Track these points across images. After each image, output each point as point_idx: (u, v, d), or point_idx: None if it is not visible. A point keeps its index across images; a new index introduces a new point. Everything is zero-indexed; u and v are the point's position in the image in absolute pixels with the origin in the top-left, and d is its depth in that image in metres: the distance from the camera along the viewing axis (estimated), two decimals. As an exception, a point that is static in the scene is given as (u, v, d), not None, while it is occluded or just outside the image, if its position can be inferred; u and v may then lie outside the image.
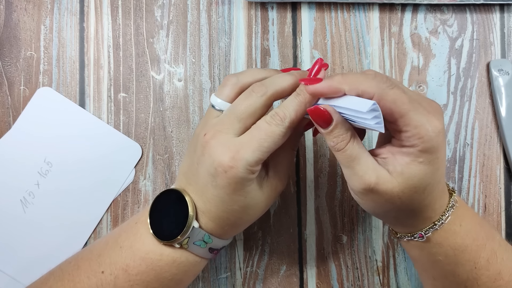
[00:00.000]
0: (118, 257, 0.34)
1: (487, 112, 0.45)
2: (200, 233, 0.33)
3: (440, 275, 0.34)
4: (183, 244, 0.33)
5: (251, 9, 0.45)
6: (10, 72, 0.44)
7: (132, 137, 0.44)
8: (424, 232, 0.33)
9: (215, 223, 0.34)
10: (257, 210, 0.34)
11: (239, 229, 0.36)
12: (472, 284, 0.33)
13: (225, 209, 0.33)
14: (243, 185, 0.32)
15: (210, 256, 0.35)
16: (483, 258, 0.33)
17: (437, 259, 0.33)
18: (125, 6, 0.45)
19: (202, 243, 0.34)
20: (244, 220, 0.35)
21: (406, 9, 0.45)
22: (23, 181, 0.43)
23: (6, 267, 0.42)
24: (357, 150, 0.31)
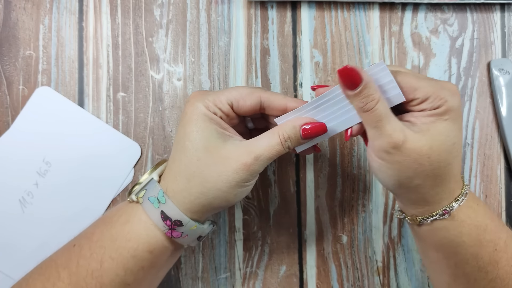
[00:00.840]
0: (90, 228, 0.34)
1: (487, 112, 0.45)
2: (156, 187, 0.33)
3: (462, 261, 0.33)
4: (139, 197, 0.33)
5: (250, 8, 0.45)
6: (9, 71, 0.44)
7: (131, 137, 0.44)
8: (449, 208, 0.32)
9: (171, 172, 0.33)
10: (208, 159, 0.32)
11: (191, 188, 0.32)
12: (493, 268, 0.33)
13: (179, 147, 0.33)
14: (197, 116, 0.32)
15: (162, 224, 0.32)
16: (501, 240, 0.33)
17: (461, 240, 0.33)
18: (124, 5, 0.44)
19: (155, 200, 0.32)
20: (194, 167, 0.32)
21: (406, 8, 0.45)
22: (22, 181, 0.43)
23: (5, 267, 0.42)
24: (385, 109, 0.31)
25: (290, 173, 0.44)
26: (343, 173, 0.44)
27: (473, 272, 0.33)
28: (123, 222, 0.33)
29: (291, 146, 0.33)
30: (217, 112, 0.33)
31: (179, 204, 0.33)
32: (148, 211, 0.33)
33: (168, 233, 0.33)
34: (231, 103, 0.33)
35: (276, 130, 0.33)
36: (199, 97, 0.33)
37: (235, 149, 0.32)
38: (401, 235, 0.44)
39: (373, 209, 0.44)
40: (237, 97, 0.33)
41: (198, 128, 0.32)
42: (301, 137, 0.33)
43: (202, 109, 0.32)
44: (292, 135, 0.33)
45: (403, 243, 0.44)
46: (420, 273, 0.44)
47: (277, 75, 0.44)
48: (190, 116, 0.33)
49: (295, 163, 0.44)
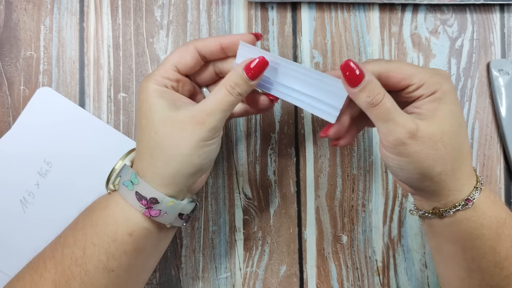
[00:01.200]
0: (75, 219, 0.35)
1: (487, 112, 0.45)
2: (129, 171, 0.33)
3: (479, 255, 0.33)
4: (115, 185, 0.34)
5: (251, 9, 0.45)
6: (10, 72, 0.44)
7: (132, 137, 0.44)
8: (471, 196, 0.32)
9: (138, 154, 0.34)
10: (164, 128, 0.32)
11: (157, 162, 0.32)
12: (509, 264, 0.33)
13: (139, 127, 0.33)
14: (148, 95, 0.33)
15: (138, 205, 0.32)
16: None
17: (481, 233, 0.33)
18: (125, 6, 0.45)
19: (129, 183, 0.33)
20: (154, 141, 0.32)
21: (406, 9, 0.45)
22: (23, 181, 0.43)
23: (6, 267, 0.42)
24: (392, 102, 0.31)
25: (290, 173, 0.44)
26: (343, 173, 0.44)
27: (489, 267, 0.33)
28: (102, 208, 0.34)
29: (242, 92, 0.33)
30: (166, 84, 0.33)
31: (151, 181, 0.33)
32: (124, 194, 0.33)
33: (146, 213, 0.33)
34: (176, 68, 0.34)
35: (222, 82, 0.33)
36: (147, 77, 0.34)
37: (188, 113, 0.32)
38: (401, 235, 0.44)
39: (373, 209, 0.44)
40: (177, 58, 0.34)
41: (150, 105, 0.33)
42: (248, 79, 0.33)
43: (152, 86, 0.33)
44: (239, 80, 0.33)
45: (403, 243, 0.44)
46: (420, 273, 0.44)
47: (277, 75, 0.45)
48: (141, 96, 0.33)
49: (295, 163, 0.44)
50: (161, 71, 0.34)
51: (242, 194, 0.44)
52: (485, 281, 0.34)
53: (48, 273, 0.33)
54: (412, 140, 0.31)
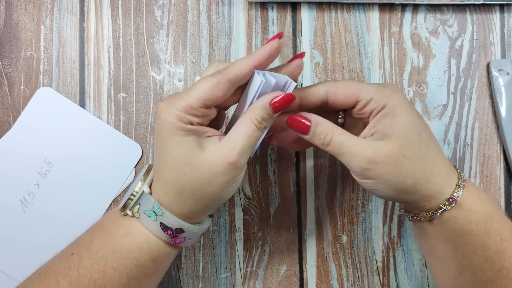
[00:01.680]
0: (85, 237, 0.34)
1: (487, 112, 0.45)
2: (150, 200, 0.32)
3: (469, 251, 0.33)
4: (134, 212, 0.33)
5: (251, 9, 0.45)
6: (10, 72, 0.44)
7: (132, 137, 0.44)
8: (454, 195, 0.33)
9: (160, 186, 0.33)
10: (194, 172, 0.31)
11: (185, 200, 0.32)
12: (499, 258, 0.33)
13: (162, 163, 0.32)
14: (172, 133, 0.31)
15: (163, 235, 0.33)
16: (506, 230, 0.33)
17: (469, 229, 0.33)
18: (125, 6, 0.45)
19: (152, 214, 0.32)
20: (182, 181, 0.31)
21: (406, 9, 0.45)
22: (23, 181, 0.43)
23: (6, 267, 0.42)
24: (343, 136, 0.33)
25: (290, 173, 0.44)
26: (343, 173, 0.44)
27: (480, 262, 0.33)
28: (122, 234, 0.33)
29: (267, 125, 0.33)
30: (192, 121, 0.31)
31: (176, 214, 0.33)
32: (146, 224, 0.33)
33: (171, 241, 0.33)
34: (203, 104, 0.31)
35: (248, 116, 0.32)
36: (168, 109, 0.31)
37: (217, 153, 0.31)
38: (401, 235, 0.44)
39: (373, 209, 0.44)
40: (207, 95, 0.31)
41: (177, 144, 0.31)
42: (273, 112, 0.32)
43: (175, 124, 0.31)
44: (265, 115, 0.32)
45: (402, 243, 0.44)
46: (420, 273, 0.44)
47: (277, 75, 0.45)
48: (165, 133, 0.31)
49: (295, 163, 0.44)
50: (186, 107, 0.31)
51: (242, 194, 0.44)
52: (477, 277, 0.34)
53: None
54: (373, 165, 0.32)
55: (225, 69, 0.32)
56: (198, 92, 0.31)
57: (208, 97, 0.31)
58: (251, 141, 0.32)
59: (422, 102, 0.45)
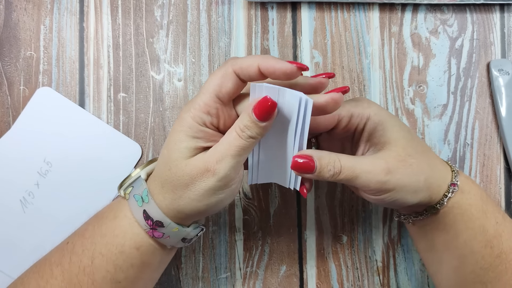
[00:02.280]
0: (83, 225, 0.35)
1: (487, 112, 0.45)
2: (142, 186, 0.33)
3: (471, 236, 0.34)
4: (126, 193, 0.34)
5: (251, 9, 0.45)
6: (10, 72, 0.44)
7: (132, 137, 0.44)
8: (454, 180, 0.34)
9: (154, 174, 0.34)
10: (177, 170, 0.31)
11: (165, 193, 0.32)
12: (498, 242, 0.34)
13: (162, 152, 0.33)
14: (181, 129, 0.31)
15: (144, 223, 0.32)
16: (499, 213, 0.35)
17: (470, 213, 0.34)
18: (125, 6, 0.45)
19: (139, 199, 0.33)
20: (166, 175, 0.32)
21: (406, 9, 0.45)
22: (23, 181, 0.43)
23: (6, 267, 0.42)
24: (351, 163, 0.32)
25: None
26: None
27: (481, 248, 0.34)
28: (111, 218, 0.34)
29: (253, 135, 0.31)
30: (205, 121, 0.31)
31: (159, 206, 0.33)
32: (132, 208, 0.33)
33: (150, 233, 0.33)
34: (217, 98, 0.31)
35: (233, 126, 0.31)
36: (187, 107, 0.32)
37: (200, 157, 0.31)
38: (401, 235, 0.44)
39: (373, 209, 0.44)
40: (218, 87, 0.31)
41: (177, 140, 0.31)
42: (257, 120, 0.30)
43: (188, 121, 0.31)
44: (248, 122, 0.30)
45: (403, 243, 0.44)
46: (420, 273, 0.44)
47: (277, 75, 0.45)
48: (175, 127, 0.32)
49: (295, 163, 0.44)
50: (200, 104, 0.31)
51: (242, 194, 0.44)
52: (478, 264, 0.34)
53: (54, 280, 0.32)
54: (390, 175, 0.32)
55: (233, 59, 0.31)
56: (209, 87, 0.31)
57: (218, 89, 0.31)
58: (233, 150, 0.30)
59: (422, 102, 0.45)
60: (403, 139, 0.33)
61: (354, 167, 0.32)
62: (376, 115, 0.33)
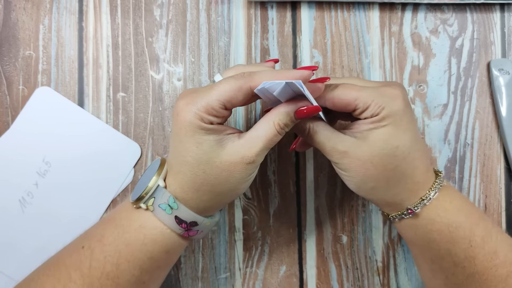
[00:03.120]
0: (96, 230, 0.34)
1: (487, 112, 0.45)
2: (165, 194, 0.33)
3: (437, 256, 0.34)
4: (149, 206, 0.33)
5: (250, 8, 0.45)
6: (9, 71, 0.44)
7: (131, 137, 0.44)
8: (413, 208, 0.33)
9: (177, 182, 0.33)
10: (214, 170, 0.32)
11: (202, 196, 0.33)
12: (469, 264, 0.33)
13: (180, 160, 0.32)
14: (193, 132, 0.31)
15: (178, 229, 0.33)
16: (478, 236, 0.33)
17: (432, 237, 0.34)
18: (124, 5, 0.44)
19: (167, 207, 0.33)
20: (201, 179, 0.32)
21: (406, 9, 0.45)
22: (22, 181, 0.43)
23: (5, 267, 0.42)
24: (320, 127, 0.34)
25: (290, 173, 0.44)
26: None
27: (450, 267, 0.34)
28: (136, 227, 0.33)
29: (287, 130, 0.33)
30: (212, 121, 0.31)
31: (191, 208, 0.33)
32: (161, 217, 0.33)
33: (185, 234, 0.34)
34: (223, 105, 0.31)
35: (271, 120, 0.32)
36: (188, 108, 0.31)
37: (236, 152, 0.32)
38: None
39: (373, 209, 0.44)
40: (228, 98, 0.31)
41: (197, 143, 0.31)
42: (296, 119, 0.33)
43: (196, 123, 0.31)
44: (288, 121, 0.33)
45: (403, 243, 0.44)
46: (420, 273, 0.44)
47: (277, 75, 0.44)
48: (185, 132, 0.31)
49: (295, 163, 0.44)
50: (207, 107, 0.31)
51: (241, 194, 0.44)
52: (449, 280, 0.34)
53: (73, 284, 0.32)
54: (342, 159, 0.33)
55: (250, 75, 0.31)
56: (219, 94, 0.31)
57: (229, 99, 0.31)
58: (270, 144, 0.32)
59: (422, 102, 0.45)
60: (379, 149, 0.32)
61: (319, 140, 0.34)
62: (384, 115, 0.32)
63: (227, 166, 0.32)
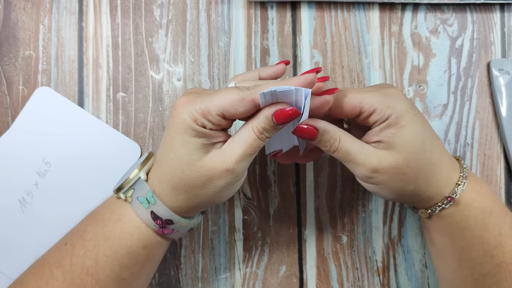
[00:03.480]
0: (80, 225, 0.35)
1: (487, 112, 0.45)
2: (144, 187, 0.33)
3: (468, 245, 0.34)
4: (127, 197, 0.33)
5: (250, 8, 0.45)
6: (9, 71, 0.44)
7: (131, 137, 0.44)
8: (452, 194, 0.33)
9: (157, 177, 0.33)
10: (192, 172, 0.31)
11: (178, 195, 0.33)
12: (498, 252, 0.33)
13: (164, 154, 0.32)
14: (183, 130, 0.31)
15: (153, 224, 0.33)
16: (506, 224, 0.34)
17: (467, 224, 0.34)
18: (124, 5, 0.44)
19: (144, 200, 0.33)
20: (179, 178, 0.32)
21: (406, 9, 0.45)
22: (22, 181, 0.43)
23: (5, 268, 0.42)
24: (350, 143, 0.33)
25: (290, 173, 0.44)
26: (343, 173, 0.44)
27: (479, 256, 0.34)
28: (114, 220, 0.33)
29: (269, 136, 0.32)
30: (206, 125, 0.31)
31: (168, 206, 0.33)
32: (138, 210, 0.33)
33: (159, 231, 0.34)
34: (222, 113, 0.31)
35: (250, 125, 0.32)
36: (186, 106, 0.31)
37: (217, 158, 0.32)
38: (401, 235, 0.44)
39: (373, 209, 0.44)
40: (228, 107, 0.31)
41: (183, 142, 0.31)
42: (276, 124, 0.32)
43: (189, 123, 0.31)
44: (267, 125, 0.31)
45: (403, 243, 0.44)
46: (420, 273, 0.44)
47: (277, 75, 0.44)
48: (176, 128, 0.31)
49: (295, 163, 0.44)
50: (204, 111, 0.31)
51: (241, 194, 0.44)
52: (476, 270, 0.34)
53: (55, 281, 0.32)
54: (377, 173, 0.32)
55: (254, 88, 0.31)
56: (220, 101, 0.31)
57: (228, 109, 0.31)
58: (251, 150, 0.32)
59: (422, 102, 0.45)
60: (410, 149, 0.32)
61: (349, 153, 0.32)
62: (397, 117, 0.32)
63: (206, 171, 0.31)
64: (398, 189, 0.33)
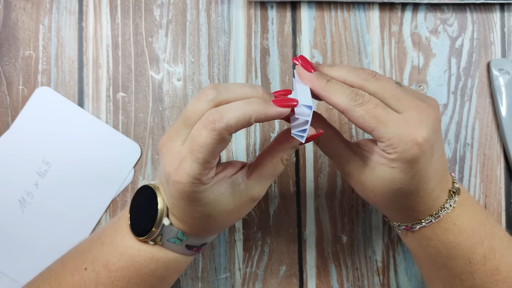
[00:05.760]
0: (99, 253, 0.34)
1: (487, 112, 0.45)
2: (173, 231, 0.33)
3: (433, 267, 0.35)
4: (157, 241, 0.33)
5: (250, 8, 0.45)
6: (9, 71, 0.44)
7: (131, 137, 0.44)
8: (411, 225, 0.34)
9: (184, 225, 0.33)
10: (225, 216, 0.32)
11: (212, 232, 0.35)
12: (467, 277, 0.33)
13: (188, 215, 0.32)
14: (196, 197, 0.30)
15: (189, 253, 0.35)
16: (479, 254, 0.33)
17: (428, 251, 0.34)
18: (124, 5, 0.44)
19: (176, 240, 0.33)
20: (212, 225, 0.33)
21: (406, 9, 0.45)
22: (22, 181, 0.43)
23: (5, 268, 0.42)
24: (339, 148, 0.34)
25: (290, 173, 0.44)
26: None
27: (447, 278, 0.34)
28: (147, 257, 0.34)
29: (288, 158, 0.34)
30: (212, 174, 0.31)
31: (199, 236, 0.34)
32: (172, 248, 0.34)
33: (196, 253, 0.36)
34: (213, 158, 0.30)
35: (279, 157, 0.33)
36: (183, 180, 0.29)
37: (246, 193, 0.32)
38: (401, 235, 0.44)
39: (373, 209, 0.44)
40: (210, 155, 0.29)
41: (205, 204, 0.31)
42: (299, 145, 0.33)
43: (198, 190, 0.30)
44: (292, 152, 0.34)
45: (403, 243, 0.44)
46: (420, 273, 0.44)
47: (277, 75, 0.44)
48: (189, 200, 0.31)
49: (295, 163, 0.44)
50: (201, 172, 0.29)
51: (241, 194, 0.44)
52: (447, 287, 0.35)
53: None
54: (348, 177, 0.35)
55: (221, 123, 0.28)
56: (203, 153, 0.29)
57: (210, 156, 0.29)
58: (275, 176, 0.33)
59: (422, 102, 0.45)
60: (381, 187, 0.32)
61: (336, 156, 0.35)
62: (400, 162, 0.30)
63: (238, 208, 0.33)
64: (364, 196, 0.35)
